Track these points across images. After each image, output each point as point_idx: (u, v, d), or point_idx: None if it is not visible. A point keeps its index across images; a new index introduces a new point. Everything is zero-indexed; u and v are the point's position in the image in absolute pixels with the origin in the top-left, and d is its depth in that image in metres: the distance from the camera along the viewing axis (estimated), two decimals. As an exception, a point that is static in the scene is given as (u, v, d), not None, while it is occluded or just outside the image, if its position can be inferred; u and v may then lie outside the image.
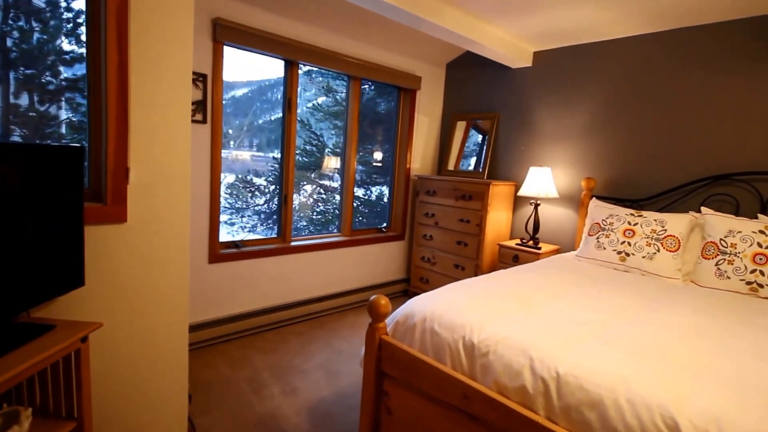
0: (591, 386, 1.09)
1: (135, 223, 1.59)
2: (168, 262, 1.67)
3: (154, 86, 1.58)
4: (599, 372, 1.12)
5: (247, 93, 2.97)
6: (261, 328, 2.90)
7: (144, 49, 1.52)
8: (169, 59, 1.58)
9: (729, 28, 2.40)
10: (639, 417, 1.00)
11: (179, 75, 1.62)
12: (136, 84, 1.53)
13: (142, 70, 1.53)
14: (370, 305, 1.61)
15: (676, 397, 1.01)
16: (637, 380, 1.07)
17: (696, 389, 1.04)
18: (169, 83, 1.60)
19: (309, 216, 3.25)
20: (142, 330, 1.64)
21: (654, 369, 1.13)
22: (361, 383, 2.31)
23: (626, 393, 1.04)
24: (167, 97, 1.61)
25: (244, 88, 2.93)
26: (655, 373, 1.11)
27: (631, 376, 1.09)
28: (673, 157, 2.61)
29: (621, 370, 1.12)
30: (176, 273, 1.70)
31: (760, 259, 1.93)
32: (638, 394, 1.03)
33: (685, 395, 1.01)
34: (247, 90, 2.98)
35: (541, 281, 1.95)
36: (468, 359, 1.38)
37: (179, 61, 1.61)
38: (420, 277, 3.67)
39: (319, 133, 3.23)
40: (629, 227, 2.36)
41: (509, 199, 3.38)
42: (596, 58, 2.95)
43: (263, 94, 3.02)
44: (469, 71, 3.73)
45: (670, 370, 1.13)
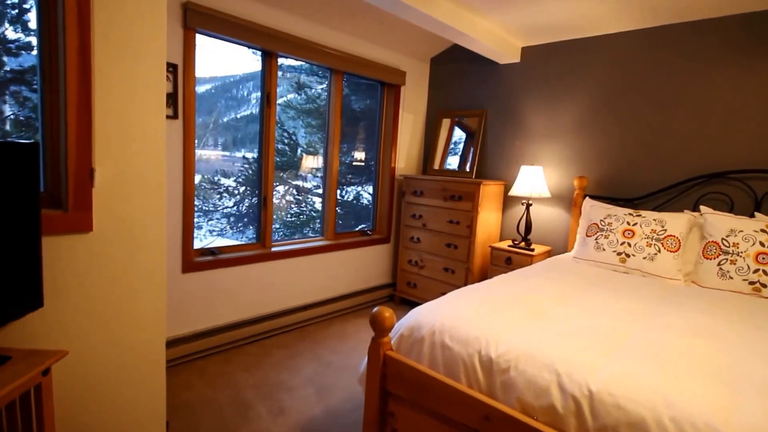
0: (630, 404, 0.99)
1: (102, 232, 1.39)
2: (142, 274, 1.47)
3: (123, 73, 1.38)
4: (636, 388, 1.02)
5: (210, 90, 2.78)
6: (242, 341, 2.70)
7: (109, 30, 1.33)
8: (139, 42, 1.39)
9: (721, 24, 2.39)
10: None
11: (151, 60, 1.43)
12: (100, 70, 1.33)
13: (107, 54, 1.33)
14: (373, 318, 1.46)
15: (720, 413, 0.92)
16: (678, 395, 0.98)
17: (738, 402, 0.96)
18: (140, 70, 1.41)
19: (282, 218, 3.07)
20: (114, 353, 1.44)
21: (691, 381, 1.04)
22: (355, 398, 2.17)
23: (669, 411, 0.95)
24: (138, 86, 1.42)
25: (207, 85, 2.74)
26: (693, 386, 1.02)
27: (670, 391, 0.99)
28: (666, 155, 2.59)
29: (658, 385, 1.02)
30: (152, 287, 1.50)
31: (762, 258, 1.91)
32: (682, 411, 0.94)
33: (728, 409, 0.93)
34: (211, 86, 2.79)
35: (546, 286, 1.85)
36: (486, 376, 1.25)
37: (151, 44, 1.42)
38: (407, 281, 3.54)
39: (291, 131, 3.06)
40: (629, 227, 2.31)
41: (499, 199, 3.31)
42: (586, 54, 2.92)
43: (227, 90, 2.84)
44: (454, 66, 3.64)
45: (707, 382, 1.04)
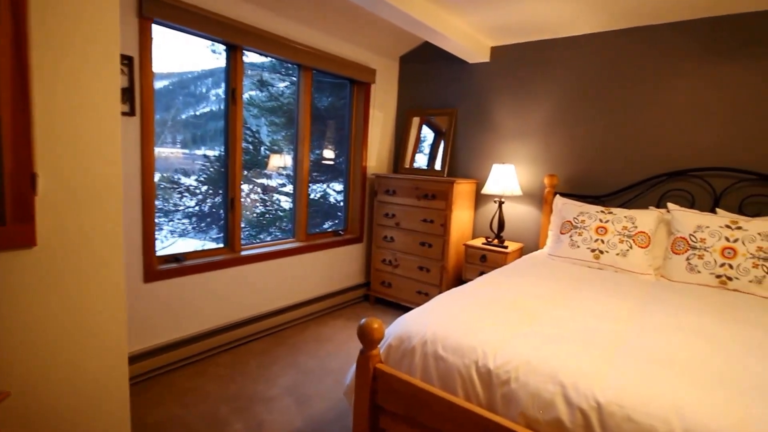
0: (641, 417, 0.98)
1: (49, 246, 1.22)
2: (98, 289, 1.32)
3: (69, 67, 1.21)
4: (645, 398, 1.01)
5: (167, 86, 2.59)
6: (213, 351, 2.53)
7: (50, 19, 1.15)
8: (88, 32, 1.22)
9: (682, 28, 2.49)
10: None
11: (103, 52, 1.26)
12: (40, 64, 1.15)
13: (50, 45, 1.16)
14: (361, 330, 1.39)
15: (735, 423, 0.92)
16: (688, 405, 0.98)
17: (749, 410, 0.97)
18: (90, 63, 1.24)
19: (248, 218, 2.91)
20: (68, 380, 1.27)
21: (698, 388, 1.05)
22: (338, 407, 2.09)
23: (682, 423, 0.94)
24: (88, 80, 1.24)
25: (163, 81, 2.54)
26: (702, 394, 1.02)
27: (681, 401, 0.99)
28: (631, 154, 2.68)
29: (668, 394, 1.02)
30: (110, 302, 1.36)
31: (728, 252, 2.01)
32: (696, 423, 0.94)
33: (742, 419, 0.94)
34: (168, 83, 2.59)
35: (531, 286, 1.85)
36: (485, 389, 1.21)
37: (102, 35, 1.25)
38: (382, 281, 3.48)
39: (255, 129, 2.90)
40: (601, 224, 2.36)
41: (471, 198, 3.31)
42: (553, 54, 2.95)
43: (185, 87, 2.65)
44: (424, 65, 3.59)
45: (713, 388, 1.05)
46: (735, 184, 2.34)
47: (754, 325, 1.52)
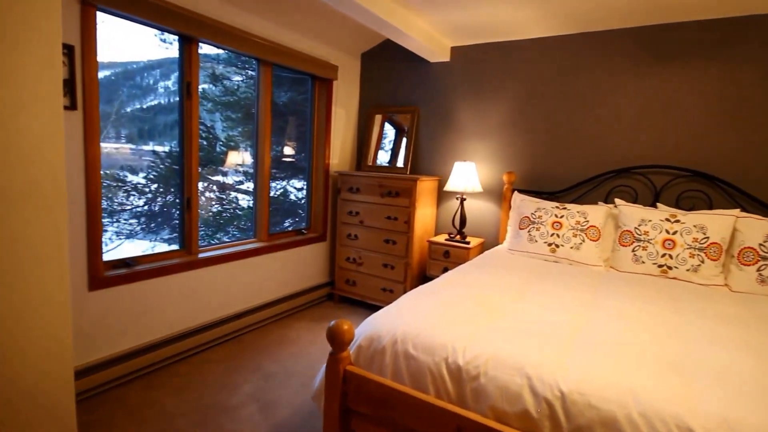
0: (601, 403, 1.04)
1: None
2: (39, 300, 1.21)
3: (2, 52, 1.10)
4: (604, 385, 1.08)
5: (109, 76, 2.42)
6: (169, 360, 2.41)
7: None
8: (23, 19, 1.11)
9: (627, 35, 2.65)
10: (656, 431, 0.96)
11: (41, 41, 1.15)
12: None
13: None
14: (331, 332, 1.37)
15: (684, 404, 1.00)
16: (643, 389, 1.05)
17: (697, 390, 1.05)
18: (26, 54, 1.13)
19: (203, 217, 2.78)
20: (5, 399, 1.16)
21: (652, 373, 1.12)
22: (304, 411, 2.05)
23: (638, 406, 1.01)
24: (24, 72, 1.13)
25: (105, 71, 2.38)
26: (655, 379, 1.10)
27: (636, 386, 1.06)
28: (582, 152, 2.83)
29: (624, 380, 1.09)
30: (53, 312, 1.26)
31: (668, 244, 2.17)
32: (650, 405, 1.00)
33: (692, 399, 1.02)
34: (109, 73, 2.43)
35: (495, 281, 1.91)
36: (455, 385, 1.24)
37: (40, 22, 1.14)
38: (346, 279, 3.46)
39: (209, 124, 2.79)
40: (557, 219, 2.48)
41: (434, 195, 3.36)
42: (510, 56, 3.05)
43: (130, 78, 2.50)
44: (385, 63, 3.59)
45: (666, 372, 1.14)
46: (672, 180, 2.53)
47: (693, 311, 1.65)
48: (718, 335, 1.41)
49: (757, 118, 2.34)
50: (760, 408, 1.00)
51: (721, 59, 2.40)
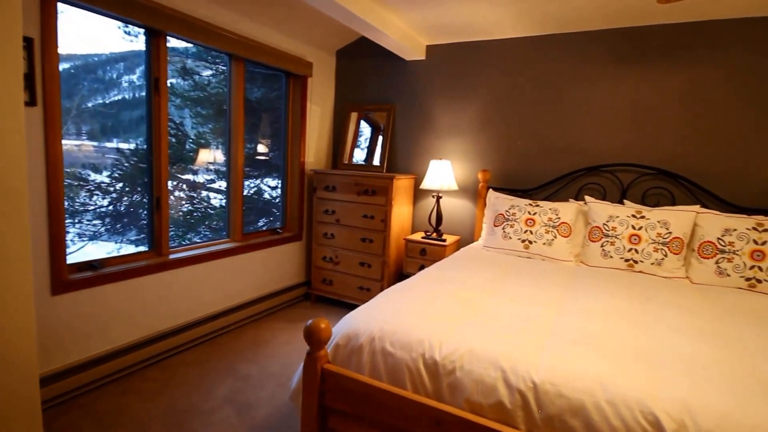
0: (570, 392, 1.07)
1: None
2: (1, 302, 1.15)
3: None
4: (574, 375, 1.11)
5: (69, 69, 2.33)
6: (140, 365, 2.33)
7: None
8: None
9: (598, 37, 2.74)
10: (622, 417, 1.01)
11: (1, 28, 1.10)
12: None
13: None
14: (308, 331, 1.36)
15: (649, 390, 1.05)
16: (611, 378, 1.09)
17: (662, 377, 1.10)
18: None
19: (173, 216, 2.71)
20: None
21: (619, 363, 1.17)
22: (282, 412, 2.03)
23: (605, 394, 1.05)
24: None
25: (64, 63, 2.28)
26: (622, 367, 1.15)
27: (604, 375, 1.10)
28: (554, 151, 2.91)
29: (593, 370, 1.13)
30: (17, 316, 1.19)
31: (634, 239, 2.26)
32: (616, 393, 1.05)
33: (655, 386, 1.06)
34: (69, 66, 2.33)
35: (470, 278, 1.94)
36: (432, 380, 1.25)
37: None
38: (322, 278, 3.44)
39: (178, 121, 2.71)
40: (530, 216, 2.54)
41: (410, 193, 3.38)
42: (485, 55, 3.10)
43: (91, 71, 2.41)
44: (361, 60, 3.59)
45: (633, 362, 1.18)
46: (638, 178, 2.64)
47: (657, 302, 1.73)
48: (679, 325, 1.49)
49: (716, 119, 2.46)
50: (718, 393, 1.05)
51: (684, 62, 2.51)
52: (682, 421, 0.97)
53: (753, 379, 1.13)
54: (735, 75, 2.41)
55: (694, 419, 0.98)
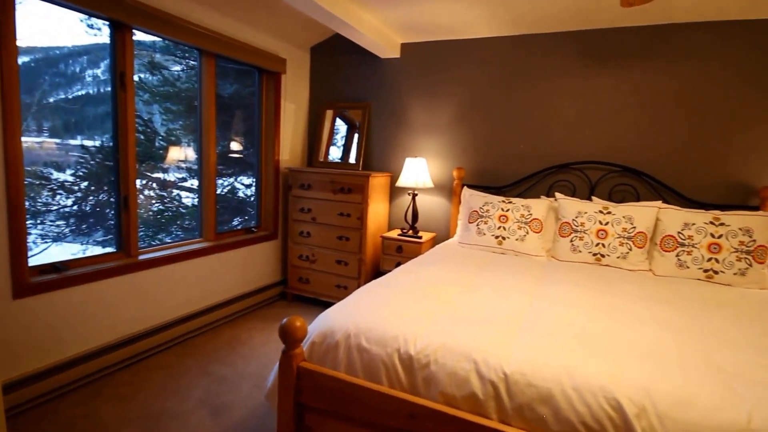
0: (539, 381, 1.11)
1: None
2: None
3: None
4: (543, 365, 1.15)
5: (28, 63, 2.23)
6: (109, 369, 2.26)
7: None
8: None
9: (567, 38, 2.82)
10: (587, 404, 1.05)
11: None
12: None
13: None
14: (283, 329, 1.36)
15: (611, 377, 1.10)
16: (577, 367, 1.14)
17: (624, 365, 1.16)
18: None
19: (143, 216, 2.64)
20: None
21: (585, 352, 1.22)
22: (258, 413, 2.01)
23: (571, 382, 1.09)
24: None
25: (23, 57, 2.19)
26: (588, 356, 1.19)
27: (571, 364, 1.15)
28: (526, 148, 2.98)
29: (561, 359, 1.17)
30: None
31: (601, 234, 2.35)
32: (582, 381, 1.09)
33: (618, 373, 1.12)
34: (28, 59, 2.24)
35: (445, 274, 1.97)
36: (407, 374, 1.27)
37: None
38: (299, 277, 3.42)
39: (147, 117, 2.64)
40: (503, 213, 2.60)
41: (386, 190, 3.40)
42: (459, 54, 3.15)
43: (53, 65, 2.32)
44: (336, 57, 3.57)
45: (597, 350, 1.24)
46: (605, 175, 2.74)
47: (622, 294, 1.81)
48: (642, 315, 1.56)
49: (677, 118, 2.58)
50: (675, 378, 1.11)
51: (648, 64, 2.62)
52: (643, 405, 1.03)
53: (707, 364, 1.20)
54: (696, 78, 2.53)
55: (653, 403, 1.03)
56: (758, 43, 2.39)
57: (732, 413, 1.00)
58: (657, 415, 1.01)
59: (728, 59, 2.45)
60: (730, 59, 2.45)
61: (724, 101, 2.48)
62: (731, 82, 2.46)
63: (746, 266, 2.07)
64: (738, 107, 2.45)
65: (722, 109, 2.49)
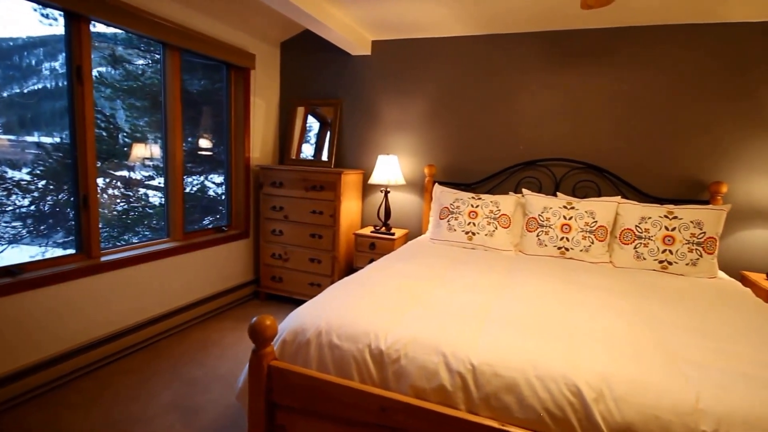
0: (505, 371, 1.15)
1: None
2: None
3: None
4: (509, 355, 1.20)
5: None
6: (71, 376, 2.17)
7: None
8: None
9: (533, 39, 2.90)
10: (549, 391, 1.10)
11: None
12: None
13: None
14: (253, 328, 1.35)
15: (572, 365, 1.15)
16: (541, 356, 1.19)
17: (582, 353, 1.21)
18: None
19: (107, 217, 2.54)
20: None
21: (549, 341, 1.27)
22: (231, 414, 1.99)
23: (535, 371, 1.14)
24: None
25: None
26: (551, 345, 1.25)
27: (535, 353, 1.20)
28: (495, 146, 3.05)
29: (526, 350, 1.22)
30: None
31: (565, 228, 2.44)
32: (544, 369, 1.14)
33: (577, 360, 1.17)
34: None
35: (416, 269, 2.00)
36: (378, 369, 1.29)
37: None
38: (272, 276, 3.38)
39: (109, 113, 2.54)
40: (473, 209, 2.66)
41: (359, 188, 3.41)
42: (430, 52, 3.18)
43: (5, 57, 2.20)
44: (307, 54, 3.54)
45: (560, 339, 1.29)
46: (569, 171, 2.84)
47: (584, 285, 1.89)
48: (602, 305, 1.64)
49: (635, 118, 2.71)
50: (631, 363, 1.18)
51: (608, 65, 2.73)
52: (600, 390, 1.08)
53: (660, 350, 1.28)
54: (652, 80, 2.66)
55: (610, 387, 1.09)
56: (710, 48, 2.54)
57: (682, 394, 1.06)
58: (613, 399, 1.07)
59: (683, 62, 2.59)
60: (685, 62, 2.59)
61: (678, 102, 2.62)
62: (685, 84, 2.60)
63: (697, 257, 2.20)
64: (691, 108, 2.60)
65: (677, 110, 2.63)
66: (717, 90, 2.54)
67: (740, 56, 2.48)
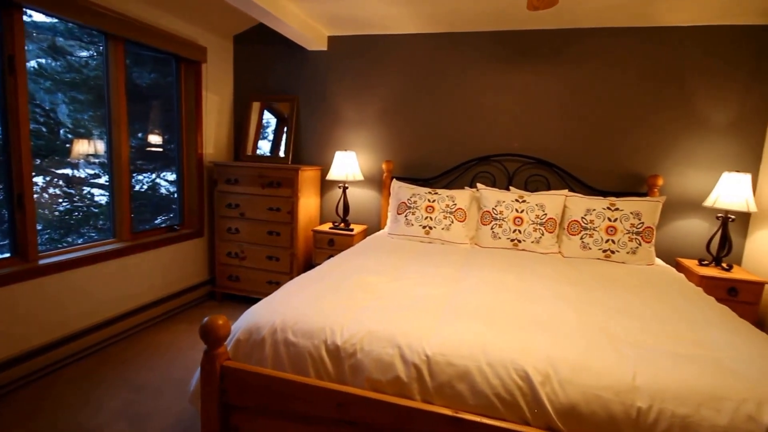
0: (458, 360, 1.19)
1: None
2: None
3: None
4: (462, 345, 1.23)
5: None
6: (9, 386, 2.02)
7: None
8: None
9: (484, 38, 2.98)
10: (500, 377, 1.15)
11: None
12: None
13: None
14: (204, 329, 1.31)
15: (521, 351, 1.20)
16: (492, 344, 1.23)
17: (532, 338, 1.27)
18: None
19: (47, 218, 2.38)
20: None
21: (500, 329, 1.32)
22: (185, 419, 1.92)
23: (486, 358, 1.18)
24: None
25: None
26: (501, 333, 1.30)
27: (486, 342, 1.24)
28: (450, 142, 3.12)
29: (478, 338, 1.26)
30: None
31: (518, 221, 2.54)
32: (495, 356, 1.19)
33: (526, 346, 1.23)
34: None
35: (374, 264, 2.01)
36: (334, 364, 1.29)
37: None
38: (228, 275, 3.29)
39: (48, 107, 2.37)
40: (429, 204, 2.70)
41: (317, 184, 3.37)
42: (386, 49, 3.19)
43: None
44: (261, 48, 3.45)
45: (510, 327, 1.34)
46: (521, 166, 2.96)
47: (535, 275, 1.98)
48: (550, 293, 1.72)
49: (581, 115, 2.85)
50: (575, 347, 1.25)
51: (555, 63, 2.86)
52: (547, 373, 1.14)
53: (603, 334, 1.36)
54: (596, 79, 2.81)
55: (555, 370, 1.15)
56: (646, 50, 2.71)
57: (620, 374, 1.14)
58: (558, 381, 1.13)
59: (623, 63, 2.75)
60: (625, 63, 2.75)
61: (620, 100, 2.78)
62: (626, 83, 2.76)
63: (636, 245, 2.36)
64: (631, 106, 2.77)
65: (618, 108, 2.79)
66: (654, 90, 2.72)
67: (673, 58, 2.67)
